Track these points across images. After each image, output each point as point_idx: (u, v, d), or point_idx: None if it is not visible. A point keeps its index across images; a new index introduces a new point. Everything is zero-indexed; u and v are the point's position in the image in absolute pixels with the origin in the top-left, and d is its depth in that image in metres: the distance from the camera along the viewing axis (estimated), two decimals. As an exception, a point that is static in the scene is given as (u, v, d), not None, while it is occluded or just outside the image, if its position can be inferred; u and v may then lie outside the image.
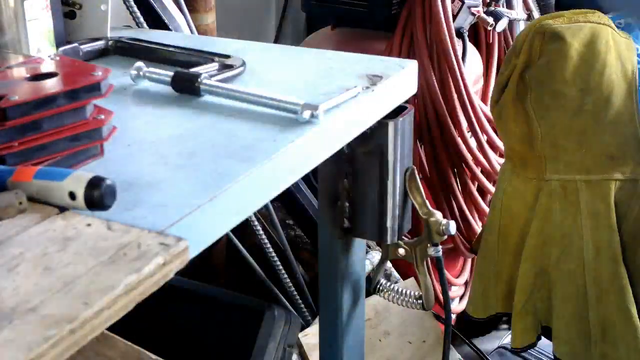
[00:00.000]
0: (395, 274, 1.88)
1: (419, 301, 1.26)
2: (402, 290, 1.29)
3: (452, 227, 1.19)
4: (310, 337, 1.65)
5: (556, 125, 1.67)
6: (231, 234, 1.80)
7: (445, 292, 1.31)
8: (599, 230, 1.66)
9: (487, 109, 2.15)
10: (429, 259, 1.23)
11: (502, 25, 2.24)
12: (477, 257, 1.86)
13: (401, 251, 1.24)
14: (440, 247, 1.20)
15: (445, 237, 1.19)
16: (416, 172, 1.18)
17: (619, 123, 1.66)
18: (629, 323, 1.64)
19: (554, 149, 1.68)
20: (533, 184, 1.71)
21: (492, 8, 2.22)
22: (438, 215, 1.18)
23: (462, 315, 2.31)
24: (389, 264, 1.84)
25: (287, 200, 1.94)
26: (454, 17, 2.05)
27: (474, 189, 2.18)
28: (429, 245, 1.20)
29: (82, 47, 1.21)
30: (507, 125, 1.73)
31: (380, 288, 1.31)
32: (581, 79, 1.63)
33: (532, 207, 1.71)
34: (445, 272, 2.21)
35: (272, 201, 1.77)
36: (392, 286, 1.29)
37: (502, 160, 2.17)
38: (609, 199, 1.66)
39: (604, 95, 1.64)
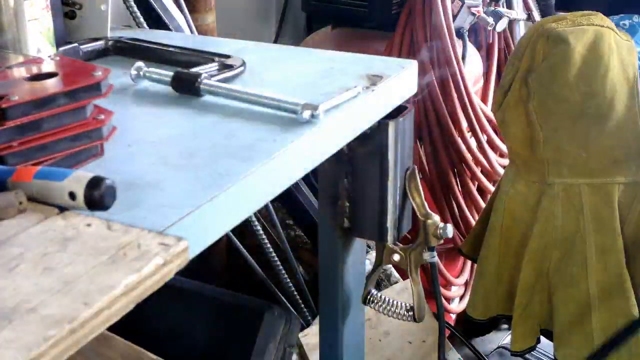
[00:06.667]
0: (395, 274, 1.88)
1: (409, 313, 1.23)
2: (392, 302, 1.25)
3: (449, 230, 1.18)
4: (310, 337, 1.65)
5: (559, 129, 1.66)
6: (231, 234, 1.80)
7: (439, 301, 1.27)
8: (603, 233, 1.65)
9: (487, 109, 2.15)
10: (426, 264, 1.21)
11: (502, 25, 2.24)
12: (478, 258, 1.86)
13: (395, 257, 1.22)
14: (435, 252, 1.19)
15: (442, 241, 1.18)
16: (416, 172, 1.17)
17: (621, 126, 1.66)
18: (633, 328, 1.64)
19: (557, 152, 1.67)
20: (536, 187, 1.71)
21: (492, 8, 2.23)
22: (436, 217, 1.17)
23: (462, 315, 2.31)
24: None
25: (287, 200, 1.94)
26: (454, 17, 2.05)
27: (474, 189, 2.18)
28: (424, 249, 1.19)
29: (82, 47, 1.21)
30: (510, 128, 1.73)
31: (371, 299, 1.27)
32: (584, 82, 1.63)
33: (535, 210, 1.71)
34: (447, 274, 2.23)
35: (272, 201, 1.77)
36: (382, 297, 1.26)
37: (502, 161, 2.17)
38: (613, 203, 1.65)
39: (607, 98, 1.64)
